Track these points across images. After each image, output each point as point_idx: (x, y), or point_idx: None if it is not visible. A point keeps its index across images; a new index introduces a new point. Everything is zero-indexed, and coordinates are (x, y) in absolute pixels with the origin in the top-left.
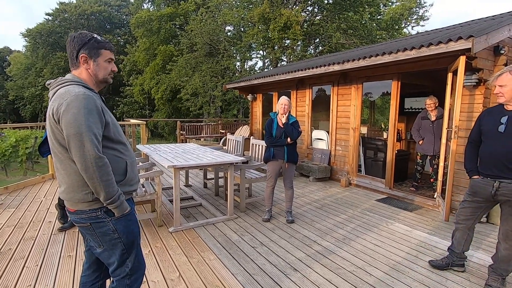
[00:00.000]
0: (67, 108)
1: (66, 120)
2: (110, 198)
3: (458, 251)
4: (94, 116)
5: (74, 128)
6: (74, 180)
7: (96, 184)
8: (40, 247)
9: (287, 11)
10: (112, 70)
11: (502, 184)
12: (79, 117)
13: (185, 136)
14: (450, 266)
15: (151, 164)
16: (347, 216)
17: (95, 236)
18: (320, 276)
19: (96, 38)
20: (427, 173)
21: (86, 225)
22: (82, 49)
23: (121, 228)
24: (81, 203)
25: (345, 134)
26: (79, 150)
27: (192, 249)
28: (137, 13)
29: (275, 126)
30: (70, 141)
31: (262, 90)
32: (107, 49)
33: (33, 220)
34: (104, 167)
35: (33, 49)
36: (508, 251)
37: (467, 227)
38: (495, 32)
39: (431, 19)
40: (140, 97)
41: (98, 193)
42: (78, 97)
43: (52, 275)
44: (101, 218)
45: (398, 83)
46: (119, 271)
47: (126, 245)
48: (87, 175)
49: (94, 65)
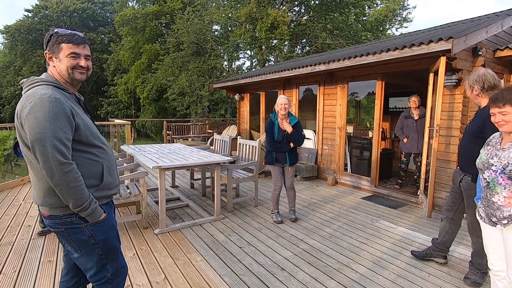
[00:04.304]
0: (30, 112)
1: (29, 124)
2: (80, 206)
3: (439, 240)
4: (61, 120)
5: (37, 134)
6: (45, 184)
7: (63, 191)
8: (18, 252)
9: (274, 11)
10: (80, 65)
11: (464, 177)
12: (43, 121)
13: (172, 136)
14: (430, 256)
15: (136, 165)
16: (334, 214)
17: (71, 242)
18: (307, 274)
19: (57, 33)
20: (411, 170)
21: (61, 231)
22: (46, 47)
23: (98, 234)
24: (54, 208)
25: (332, 133)
26: (43, 156)
27: (178, 250)
28: (122, 11)
29: (276, 129)
30: (34, 147)
31: (250, 90)
32: (69, 43)
33: (11, 224)
34: (71, 173)
35: (12, 47)
36: (477, 245)
37: (449, 218)
38: (474, 34)
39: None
40: (124, 97)
41: (66, 201)
42: (42, 100)
43: (31, 281)
44: (76, 224)
45: (383, 83)
46: (100, 276)
47: (104, 250)
48: (53, 181)
49: (57, 61)
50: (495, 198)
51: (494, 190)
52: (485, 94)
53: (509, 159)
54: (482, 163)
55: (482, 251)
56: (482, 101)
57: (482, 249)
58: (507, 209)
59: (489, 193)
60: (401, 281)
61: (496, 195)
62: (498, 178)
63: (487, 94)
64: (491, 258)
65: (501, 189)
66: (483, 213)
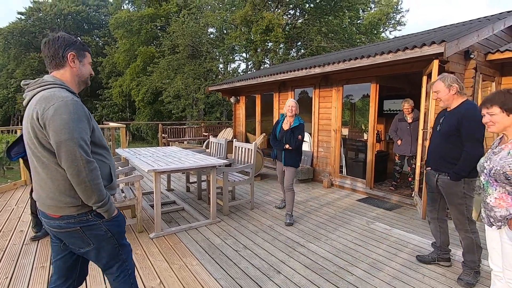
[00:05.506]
0: (55, 113)
1: (56, 126)
2: (101, 202)
3: (438, 244)
4: (83, 122)
5: (65, 135)
6: (61, 184)
7: (88, 188)
8: (10, 258)
9: (269, 14)
10: (91, 74)
11: (439, 177)
12: (70, 123)
13: (167, 139)
14: (437, 260)
15: (131, 168)
16: (329, 216)
17: (85, 238)
18: (303, 277)
19: (80, 41)
20: (406, 172)
21: (75, 230)
22: (69, 48)
23: (113, 228)
24: (69, 208)
25: (327, 135)
26: (70, 155)
27: (173, 254)
28: (117, 14)
29: (279, 128)
30: (60, 147)
31: (245, 93)
32: (89, 53)
33: (3, 229)
34: (95, 171)
35: (4, 49)
36: (465, 240)
37: (434, 219)
38: (466, 38)
39: (407, 24)
40: (119, 99)
41: (89, 197)
42: (66, 102)
43: (23, 287)
44: (92, 221)
45: (377, 85)
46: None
47: (118, 240)
48: (79, 179)
49: (80, 65)
50: (488, 199)
51: (487, 191)
52: (460, 95)
53: (495, 163)
54: (479, 166)
55: (472, 247)
56: (454, 101)
57: (472, 244)
58: (498, 210)
59: (484, 195)
60: (396, 283)
61: (489, 196)
62: (489, 180)
63: (461, 95)
64: (493, 258)
65: (492, 190)
66: (484, 214)
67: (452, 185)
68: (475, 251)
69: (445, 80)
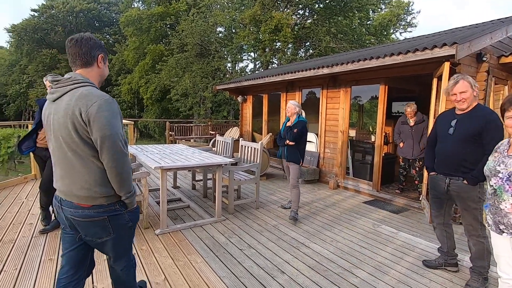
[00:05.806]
0: (99, 110)
1: (100, 121)
2: (130, 192)
3: (445, 249)
4: (120, 119)
5: (109, 130)
6: (97, 176)
7: (124, 179)
8: (19, 250)
9: (278, 14)
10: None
11: (451, 181)
12: (112, 119)
13: (175, 137)
14: (444, 266)
15: (138, 165)
16: (335, 218)
17: (108, 227)
18: (307, 278)
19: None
20: (412, 175)
21: (102, 219)
22: (99, 49)
23: (133, 218)
24: (101, 198)
25: (334, 136)
26: (113, 148)
27: (178, 251)
28: (127, 12)
29: (283, 127)
30: (104, 141)
31: (253, 92)
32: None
33: (13, 222)
34: (129, 163)
35: (18, 45)
36: (476, 246)
37: (441, 224)
38: (478, 40)
39: (418, 26)
40: (127, 96)
41: (122, 187)
42: (107, 100)
43: (31, 279)
44: (118, 211)
45: (386, 87)
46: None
47: (133, 231)
48: (117, 171)
49: (105, 66)
50: (502, 205)
51: (501, 197)
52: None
53: None
54: (489, 170)
55: (483, 252)
56: (474, 102)
57: (483, 250)
58: None
59: (497, 200)
60: (402, 287)
61: (503, 202)
62: (504, 185)
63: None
64: (501, 266)
65: (507, 196)
66: (491, 221)
67: (469, 190)
68: (485, 257)
69: (470, 80)
